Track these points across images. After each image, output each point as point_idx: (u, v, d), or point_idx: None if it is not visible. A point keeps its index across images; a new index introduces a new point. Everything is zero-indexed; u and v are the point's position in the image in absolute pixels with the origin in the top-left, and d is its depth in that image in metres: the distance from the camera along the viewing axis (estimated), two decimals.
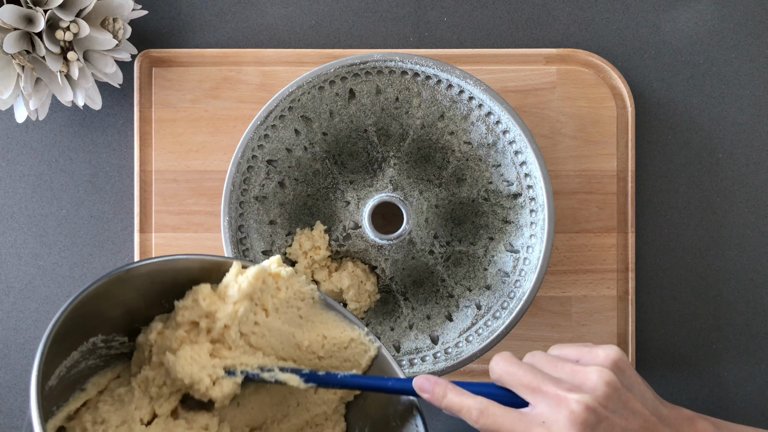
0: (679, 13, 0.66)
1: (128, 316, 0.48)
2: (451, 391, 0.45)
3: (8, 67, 0.58)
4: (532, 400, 0.43)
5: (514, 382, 0.44)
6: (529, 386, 0.43)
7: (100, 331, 0.47)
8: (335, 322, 0.52)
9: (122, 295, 0.47)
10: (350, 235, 0.62)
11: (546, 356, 0.45)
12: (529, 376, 0.43)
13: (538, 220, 0.58)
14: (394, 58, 0.57)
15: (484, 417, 0.43)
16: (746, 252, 0.66)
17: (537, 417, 0.42)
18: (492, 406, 0.43)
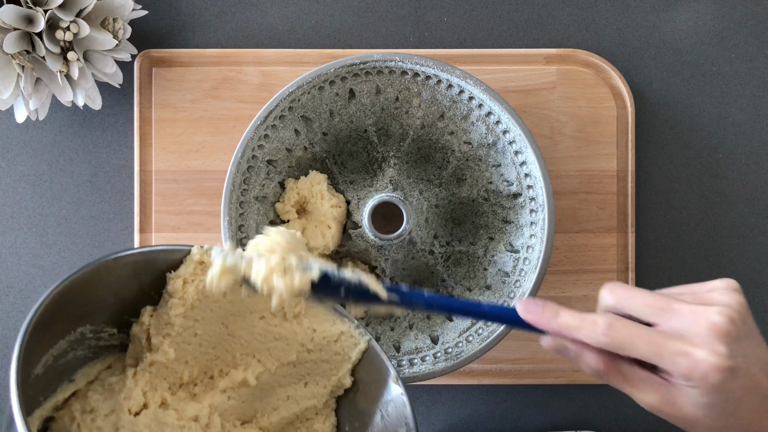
0: (679, 13, 0.66)
1: (118, 306, 0.48)
2: (564, 311, 0.40)
3: (8, 67, 0.58)
4: (660, 320, 0.38)
5: (637, 304, 0.39)
6: (655, 306, 0.38)
7: (88, 321, 0.46)
8: (324, 315, 0.51)
9: (110, 285, 0.46)
10: (350, 235, 0.62)
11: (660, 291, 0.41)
12: (652, 297, 0.39)
13: (538, 220, 0.58)
14: (394, 58, 0.57)
15: (614, 330, 0.38)
16: (746, 252, 0.66)
17: (673, 331, 0.37)
18: (621, 320, 0.38)
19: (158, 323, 0.48)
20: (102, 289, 0.46)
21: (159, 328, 0.48)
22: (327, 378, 0.52)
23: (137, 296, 0.49)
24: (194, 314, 0.49)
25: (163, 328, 0.48)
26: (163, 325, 0.48)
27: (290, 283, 0.40)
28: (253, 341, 0.51)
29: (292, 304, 0.45)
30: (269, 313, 0.50)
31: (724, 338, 0.37)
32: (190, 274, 0.48)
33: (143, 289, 0.48)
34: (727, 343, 0.37)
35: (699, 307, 0.38)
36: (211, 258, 0.44)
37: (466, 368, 0.65)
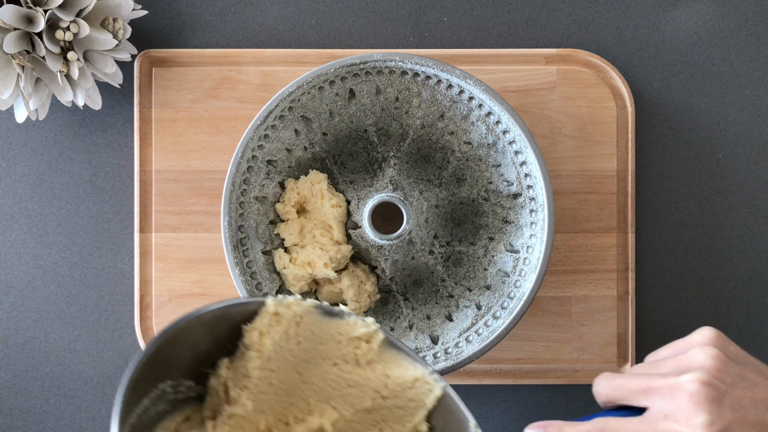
0: (679, 13, 0.66)
1: (194, 360, 0.48)
2: (564, 427, 0.43)
3: (8, 67, 0.58)
4: (647, 402, 0.41)
5: (623, 393, 0.42)
6: (638, 390, 0.41)
7: (168, 378, 0.47)
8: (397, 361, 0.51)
9: (188, 342, 0.47)
10: (350, 235, 0.62)
11: (644, 364, 0.44)
12: (633, 381, 0.42)
13: (538, 220, 0.58)
14: (394, 58, 0.57)
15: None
16: (746, 252, 0.66)
17: (658, 414, 0.40)
18: (610, 421, 0.41)
19: (235, 376, 0.48)
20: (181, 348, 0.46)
21: (236, 381, 0.48)
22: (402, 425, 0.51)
23: (212, 348, 0.49)
24: (270, 365, 0.49)
25: (241, 380, 0.48)
26: (241, 377, 0.48)
27: None
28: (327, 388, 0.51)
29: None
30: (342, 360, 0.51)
31: (704, 406, 0.38)
32: (266, 326, 0.48)
33: (217, 341, 0.49)
34: (709, 410, 0.38)
35: (675, 381, 0.40)
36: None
37: (466, 368, 0.65)
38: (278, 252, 0.60)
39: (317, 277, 0.60)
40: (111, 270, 0.66)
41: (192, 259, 0.65)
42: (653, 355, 0.45)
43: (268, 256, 0.60)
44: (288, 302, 0.48)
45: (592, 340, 0.65)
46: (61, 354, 0.66)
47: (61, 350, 0.66)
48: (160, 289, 0.65)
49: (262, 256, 0.60)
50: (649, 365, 0.44)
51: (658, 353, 0.45)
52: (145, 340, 0.65)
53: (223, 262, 0.65)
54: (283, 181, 0.61)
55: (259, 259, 0.60)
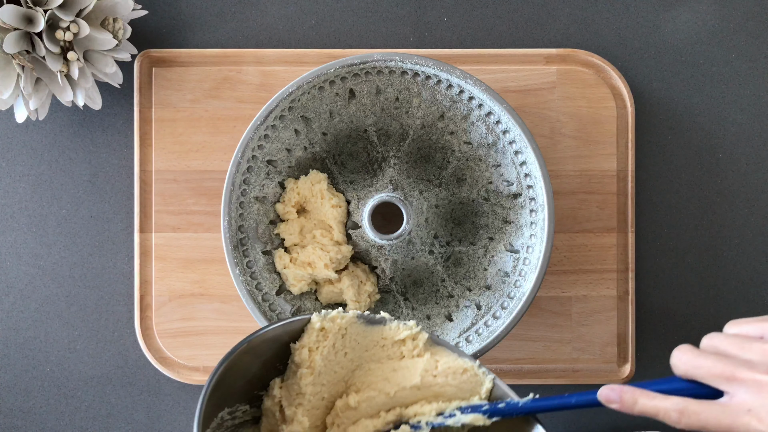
0: (679, 13, 0.66)
1: (248, 384, 0.49)
2: (640, 396, 0.43)
3: (8, 67, 0.58)
4: (728, 388, 0.41)
5: (705, 374, 0.41)
6: (722, 375, 0.41)
7: (225, 405, 0.48)
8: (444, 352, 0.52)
9: (241, 369, 0.47)
10: (350, 235, 0.62)
11: (728, 337, 0.43)
12: (719, 365, 0.41)
13: (538, 220, 0.58)
14: (394, 58, 0.57)
15: (686, 417, 0.41)
16: (746, 252, 0.66)
17: (741, 406, 0.40)
18: (691, 404, 0.41)
19: (289, 394, 0.49)
20: (234, 376, 0.47)
21: (291, 399, 0.49)
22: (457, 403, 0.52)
23: (262, 371, 0.50)
24: (321, 379, 0.49)
25: (295, 398, 0.49)
26: (295, 395, 0.49)
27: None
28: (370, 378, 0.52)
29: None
30: (388, 359, 0.52)
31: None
32: (314, 342, 0.49)
33: (266, 363, 0.50)
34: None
35: (763, 378, 0.40)
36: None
37: None
38: (278, 252, 0.61)
39: (317, 277, 0.60)
40: (111, 270, 0.66)
41: (192, 259, 0.65)
42: (736, 326, 0.44)
43: (268, 256, 0.60)
44: (332, 316, 0.49)
45: (592, 340, 0.65)
46: (61, 354, 0.66)
47: (61, 350, 0.66)
48: (160, 289, 0.65)
49: (262, 256, 0.60)
50: (734, 342, 0.42)
51: (742, 326, 0.43)
52: (146, 340, 0.65)
53: (223, 262, 0.65)
54: (283, 181, 0.61)
55: (259, 259, 0.60)
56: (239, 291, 0.58)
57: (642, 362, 0.66)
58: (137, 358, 0.66)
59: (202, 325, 0.65)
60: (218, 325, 0.65)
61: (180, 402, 0.66)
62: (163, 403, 0.67)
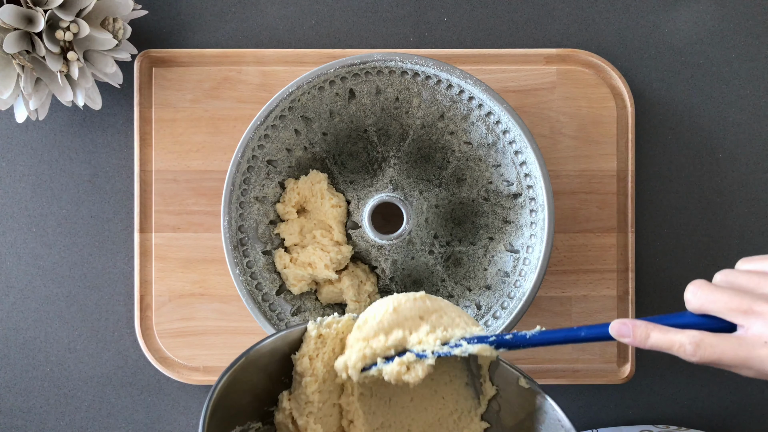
0: (679, 13, 0.66)
1: (256, 401, 0.49)
2: (653, 330, 0.42)
3: (8, 67, 0.58)
4: (744, 321, 0.40)
5: (721, 307, 0.41)
6: (738, 309, 0.41)
7: (237, 424, 0.48)
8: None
9: (245, 385, 0.47)
10: (350, 235, 0.62)
11: (743, 273, 0.43)
12: (736, 299, 0.41)
13: (538, 220, 0.58)
14: (394, 58, 0.57)
15: (701, 349, 0.40)
16: (746, 252, 0.66)
17: (757, 338, 0.40)
18: (706, 337, 0.41)
19: (298, 405, 0.49)
20: (240, 392, 0.47)
21: (300, 410, 0.49)
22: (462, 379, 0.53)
23: (270, 386, 0.50)
24: (327, 386, 0.50)
25: (305, 407, 0.49)
26: (304, 404, 0.49)
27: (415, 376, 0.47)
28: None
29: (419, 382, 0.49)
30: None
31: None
32: (314, 350, 0.49)
33: (272, 377, 0.50)
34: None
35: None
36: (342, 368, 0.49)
37: None
38: (279, 252, 0.61)
39: (318, 277, 0.60)
40: (111, 270, 0.66)
41: (192, 259, 0.65)
42: (749, 263, 0.44)
43: (268, 256, 0.60)
44: (328, 322, 0.50)
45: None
46: (61, 354, 0.66)
47: (61, 350, 0.66)
48: (160, 289, 0.65)
49: (262, 256, 0.60)
50: (748, 277, 0.42)
51: (755, 262, 0.43)
52: (145, 340, 0.65)
53: (223, 262, 0.65)
54: (283, 181, 0.61)
55: (259, 259, 0.60)
56: (239, 291, 0.58)
57: (642, 362, 0.66)
58: (137, 358, 0.66)
59: (202, 325, 0.65)
60: (218, 325, 0.65)
61: (180, 402, 0.66)
62: (163, 403, 0.67)
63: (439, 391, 0.52)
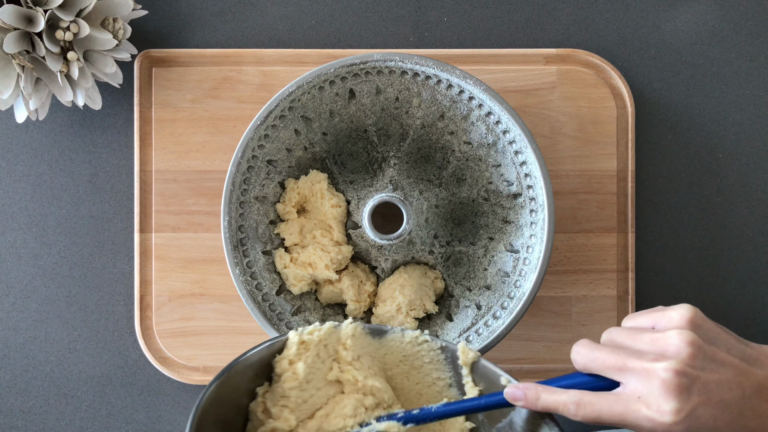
0: (679, 13, 0.66)
1: (241, 414, 0.49)
2: (543, 392, 0.45)
3: (8, 67, 0.58)
4: (621, 378, 0.43)
5: (600, 366, 0.44)
6: (615, 366, 0.43)
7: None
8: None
9: (234, 393, 0.48)
10: (350, 235, 0.62)
11: (622, 330, 0.45)
12: (611, 357, 0.43)
13: (538, 220, 0.58)
14: (394, 58, 0.57)
15: (582, 408, 0.43)
16: (746, 252, 0.66)
17: (631, 394, 0.42)
18: (586, 396, 0.43)
19: (273, 397, 0.49)
20: (225, 404, 0.47)
21: (275, 400, 0.49)
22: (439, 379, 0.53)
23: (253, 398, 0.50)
24: (309, 387, 0.50)
25: (279, 400, 0.49)
26: (279, 397, 0.49)
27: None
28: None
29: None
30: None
31: (674, 393, 0.41)
32: (295, 354, 0.50)
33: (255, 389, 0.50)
34: (678, 397, 0.41)
35: (649, 366, 0.42)
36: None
37: None
38: (279, 251, 0.61)
39: (318, 277, 0.60)
40: (111, 270, 0.66)
41: (192, 259, 0.65)
42: (631, 320, 0.46)
43: (268, 256, 0.60)
44: (309, 330, 0.50)
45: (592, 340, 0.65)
46: (61, 354, 0.66)
47: (61, 350, 0.66)
48: (160, 289, 0.65)
49: (262, 256, 0.60)
50: (627, 334, 0.45)
51: (636, 319, 0.46)
52: (145, 340, 0.65)
53: (223, 262, 0.65)
54: (283, 181, 0.61)
55: (259, 259, 0.60)
56: (239, 291, 0.58)
57: None
58: (137, 358, 0.66)
59: (202, 325, 0.65)
60: (218, 325, 0.65)
61: (180, 402, 0.66)
62: (163, 403, 0.67)
63: (424, 394, 0.53)
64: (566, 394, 0.44)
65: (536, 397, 0.45)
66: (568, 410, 0.44)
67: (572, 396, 0.44)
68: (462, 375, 0.51)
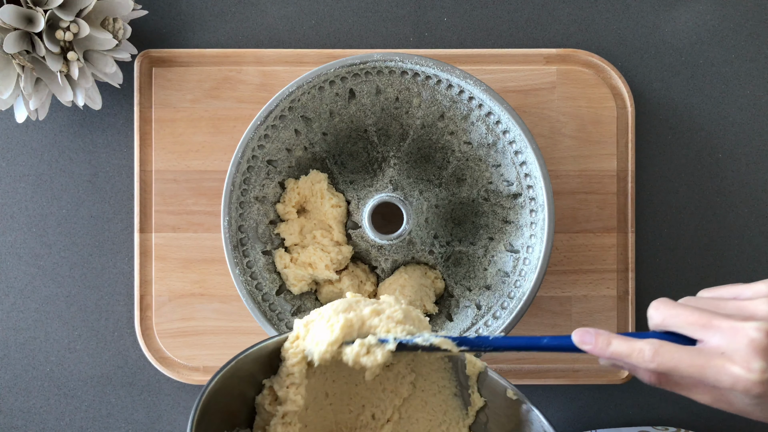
0: (679, 13, 0.66)
1: (245, 407, 0.49)
2: (615, 338, 0.43)
3: (8, 67, 0.58)
4: (703, 336, 0.42)
5: (681, 321, 0.42)
6: (698, 323, 0.42)
7: (225, 428, 0.48)
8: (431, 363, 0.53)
9: (237, 387, 0.47)
10: (350, 235, 0.62)
11: (703, 299, 0.44)
12: (696, 314, 0.42)
13: (538, 220, 0.58)
14: (394, 58, 0.57)
15: (659, 356, 0.41)
16: (746, 252, 0.66)
17: (714, 349, 0.41)
18: (665, 344, 0.42)
19: (280, 379, 0.49)
20: (228, 398, 0.47)
21: (281, 382, 0.49)
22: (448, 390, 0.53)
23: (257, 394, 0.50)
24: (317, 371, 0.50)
25: (285, 379, 0.49)
26: (285, 377, 0.49)
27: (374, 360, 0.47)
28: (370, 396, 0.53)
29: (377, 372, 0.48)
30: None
31: (761, 353, 0.40)
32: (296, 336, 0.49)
33: (260, 387, 0.50)
34: (765, 358, 0.40)
35: (738, 324, 0.40)
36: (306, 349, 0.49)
37: None
38: (279, 251, 0.61)
39: (318, 277, 0.60)
40: (111, 270, 0.66)
41: (192, 259, 0.65)
42: (709, 292, 0.45)
43: (268, 256, 0.60)
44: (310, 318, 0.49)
45: None
46: (61, 354, 0.66)
47: (61, 350, 0.66)
48: (160, 289, 0.65)
49: (262, 256, 0.60)
50: (708, 302, 0.43)
51: (715, 291, 0.45)
52: (145, 340, 0.65)
53: (223, 262, 0.65)
54: (283, 181, 0.61)
55: (259, 259, 0.60)
56: (239, 291, 0.58)
57: None
58: (137, 358, 0.66)
59: (202, 325, 0.65)
60: (218, 325, 0.65)
61: (180, 402, 0.66)
62: (163, 403, 0.67)
63: (429, 402, 0.52)
64: (643, 341, 0.42)
65: (607, 342, 0.43)
66: (642, 357, 0.42)
67: (650, 342, 0.42)
68: (468, 385, 0.51)
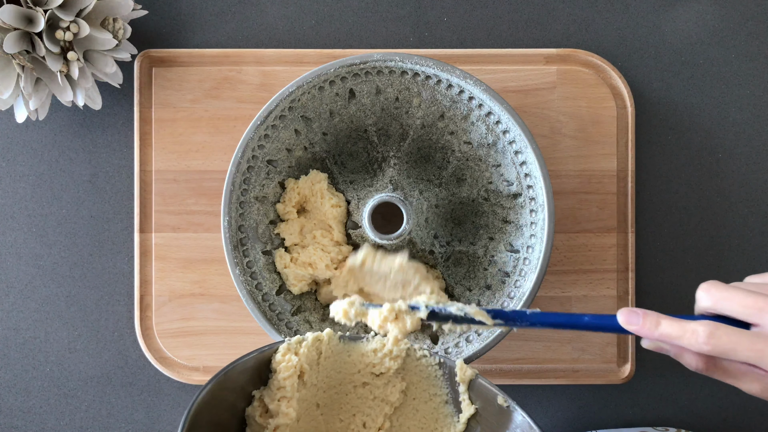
0: (679, 13, 0.66)
1: (235, 419, 0.49)
2: (664, 319, 0.41)
3: (8, 67, 0.58)
4: (759, 320, 0.39)
5: (734, 305, 0.40)
6: (754, 306, 0.39)
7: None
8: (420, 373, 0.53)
9: (227, 398, 0.47)
10: (350, 235, 0.62)
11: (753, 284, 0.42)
12: (750, 297, 0.40)
13: (538, 220, 0.58)
14: (394, 58, 0.57)
15: (715, 338, 0.39)
16: (746, 252, 0.66)
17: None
18: (722, 326, 0.39)
19: (270, 392, 0.49)
20: (218, 409, 0.47)
21: (272, 395, 0.49)
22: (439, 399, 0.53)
23: (247, 406, 0.50)
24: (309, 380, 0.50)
25: (276, 392, 0.49)
26: (275, 390, 0.49)
27: (403, 326, 0.45)
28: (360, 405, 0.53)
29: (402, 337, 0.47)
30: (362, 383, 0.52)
31: None
32: (286, 349, 0.49)
33: (250, 398, 0.50)
34: None
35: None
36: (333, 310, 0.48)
37: None
38: (279, 251, 0.61)
39: (318, 277, 0.60)
40: (111, 270, 0.66)
41: (192, 259, 0.65)
42: (758, 278, 0.43)
43: (268, 256, 0.60)
44: (297, 339, 0.49)
45: (592, 340, 0.65)
46: (61, 354, 0.66)
47: (61, 350, 0.66)
48: (160, 289, 0.65)
49: (262, 256, 0.60)
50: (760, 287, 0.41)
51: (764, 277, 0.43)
52: (145, 340, 0.65)
53: (223, 262, 0.65)
54: (283, 180, 0.61)
55: (259, 259, 0.60)
56: (239, 291, 0.58)
57: (642, 362, 0.66)
58: (137, 358, 0.66)
59: (202, 325, 0.65)
60: (218, 325, 0.65)
61: (180, 402, 0.66)
62: (163, 403, 0.67)
63: (420, 410, 0.52)
64: (695, 322, 0.40)
65: (656, 323, 0.41)
66: (696, 338, 0.39)
67: (705, 323, 0.39)
68: (459, 392, 0.51)
